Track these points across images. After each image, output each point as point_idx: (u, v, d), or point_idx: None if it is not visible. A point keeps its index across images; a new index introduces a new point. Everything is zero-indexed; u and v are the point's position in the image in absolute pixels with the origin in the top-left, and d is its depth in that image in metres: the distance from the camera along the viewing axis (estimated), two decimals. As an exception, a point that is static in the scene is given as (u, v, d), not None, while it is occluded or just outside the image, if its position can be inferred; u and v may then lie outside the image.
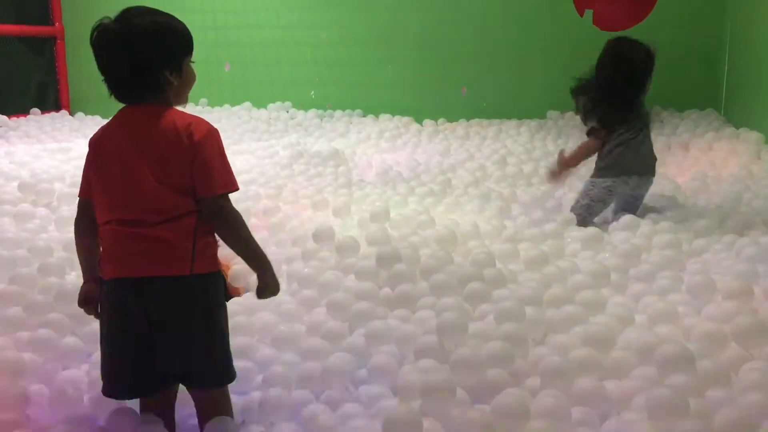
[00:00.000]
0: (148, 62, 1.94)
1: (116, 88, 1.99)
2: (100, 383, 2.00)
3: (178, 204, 1.89)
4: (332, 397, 2.19)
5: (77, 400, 2.18)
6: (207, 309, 1.94)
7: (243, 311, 2.69)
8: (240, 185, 5.09)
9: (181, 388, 2.07)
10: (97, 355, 2.34)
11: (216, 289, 1.98)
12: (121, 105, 2.01)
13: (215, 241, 1.98)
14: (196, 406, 2.06)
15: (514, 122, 6.97)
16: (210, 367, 1.97)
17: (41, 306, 2.63)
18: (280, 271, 3.14)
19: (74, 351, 2.43)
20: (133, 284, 1.88)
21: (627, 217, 3.58)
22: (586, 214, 3.82)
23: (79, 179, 4.87)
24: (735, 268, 2.85)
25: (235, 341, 2.15)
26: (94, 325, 2.54)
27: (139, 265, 1.87)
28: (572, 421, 1.93)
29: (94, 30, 2.00)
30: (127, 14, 1.98)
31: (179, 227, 1.88)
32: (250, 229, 2.03)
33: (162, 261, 1.87)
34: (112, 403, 2.08)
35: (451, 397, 2.01)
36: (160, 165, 1.89)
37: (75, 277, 2.99)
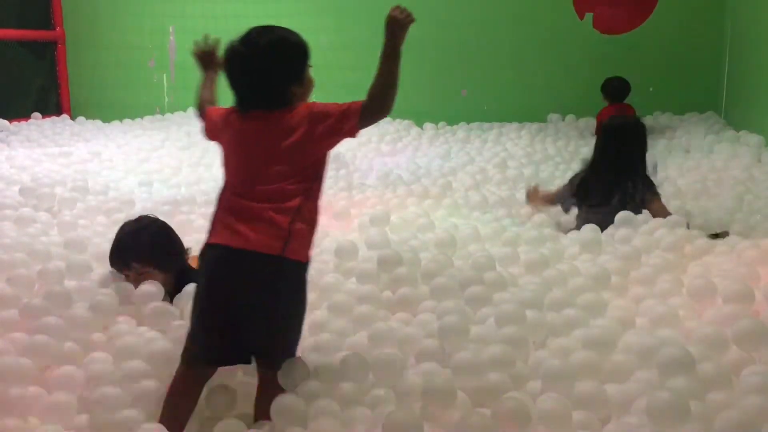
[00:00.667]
0: (273, 81, 2.14)
1: (247, 106, 2.15)
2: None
3: (289, 191, 2.08)
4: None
5: (76, 405, 2.17)
6: (287, 294, 2.08)
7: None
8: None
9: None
10: (93, 358, 2.35)
11: (299, 280, 2.11)
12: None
13: (311, 232, 2.13)
14: (258, 380, 2.15)
15: (514, 125, 6.98)
16: (275, 349, 2.10)
17: (39, 310, 2.63)
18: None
19: (73, 356, 2.42)
20: (228, 253, 2.04)
21: (627, 220, 3.55)
22: None
23: (79, 184, 4.86)
24: (736, 271, 2.85)
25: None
26: (93, 330, 2.55)
27: (239, 236, 2.04)
28: (573, 424, 1.93)
29: (225, 52, 2.18)
30: (250, 36, 2.18)
31: (283, 209, 2.06)
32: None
33: (259, 237, 2.02)
34: (113, 409, 2.08)
35: (452, 400, 2.01)
36: (277, 157, 2.08)
37: (75, 283, 2.99)
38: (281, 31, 2.23)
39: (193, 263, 2.95)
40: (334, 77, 7.95)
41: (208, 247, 2.11)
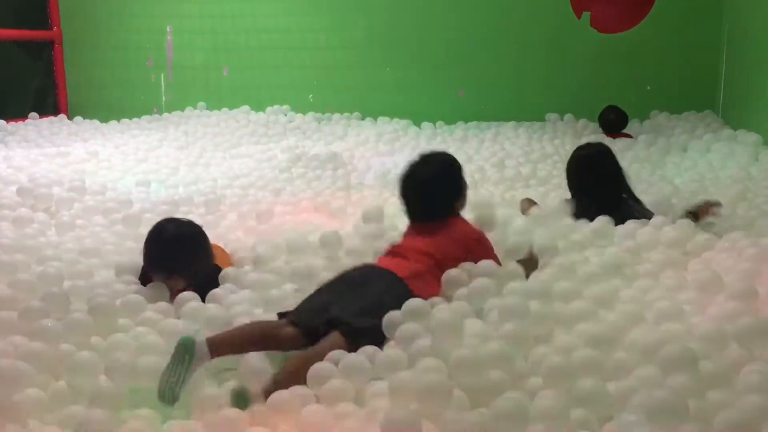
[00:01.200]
0: (442, 205, 2.82)
1: (421, 221, 2.84)
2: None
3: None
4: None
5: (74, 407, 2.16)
6: (392, 300, 2.43)
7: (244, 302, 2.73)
8: (238, 189, 5.12)
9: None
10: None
11: (402, 301, 2.45)
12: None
13: (435, 287, 2.62)
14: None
15: (512, 124, 6.98)
16: (357, 322, 2.36)
17: (36, 312, 2.62)
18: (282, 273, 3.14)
19: (68, 358, 2.41)
20: (365, 264, 2.70)
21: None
22: None
23: (77, 183, 4.85)
24: (736, 269, 2.85)
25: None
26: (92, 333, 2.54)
27: (381, 261, 2.74)
28: (572, 423, 1.92)
29: (400, 186, 2.91)
30: (416, 169, 2.88)
31: (424, 260, 2.67)
32: (245, 230, 2.07)
33: (395, 265, 2.62)
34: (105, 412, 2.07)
35: (447, 399, 2.00)
36: (436, 245, 2.71)
37: (72, 285, 2.98)
38: (438, 158, 2.95)
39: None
40: (332, 77, 7.97)
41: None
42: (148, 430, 2.02)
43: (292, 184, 4.92)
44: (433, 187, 2.80)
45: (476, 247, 2.75)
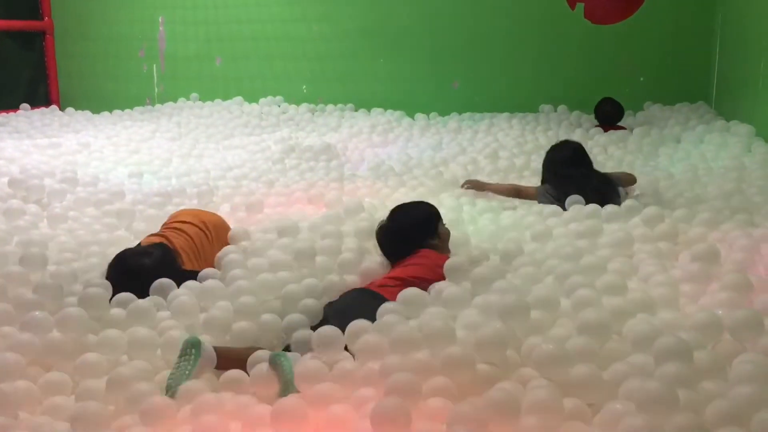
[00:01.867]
0: (415, 242, 3.03)
1: (396, 259, 3.03)
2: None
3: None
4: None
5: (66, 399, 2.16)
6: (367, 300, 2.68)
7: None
8: (231, 180, 5.11)
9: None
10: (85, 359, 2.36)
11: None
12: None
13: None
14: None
15: (505, 116, 6.97)
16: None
17: (28, 304, 2.61)
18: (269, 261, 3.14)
19: (60, 350, 2.40)
20: (359, 290, 2.83)
21: (622, 210, 3.55)
22: None
23: (69, 175, 4.83)
24: (728, 259, 2.85)
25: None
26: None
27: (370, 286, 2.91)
28: (565, 413, 1.92)
29: (378, 231, 3.16)
30: (394, 215, 3.16)
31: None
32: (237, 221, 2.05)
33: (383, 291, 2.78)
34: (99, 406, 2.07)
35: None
36: (418, 273, 2.87)
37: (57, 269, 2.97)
38: (416, 207, 3.22)
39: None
40: (326, 68, 7.94)
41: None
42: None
43: (286, 175, 4.91)
44: (409, 238, 3.03)
45: (441, 269, 2.88)
